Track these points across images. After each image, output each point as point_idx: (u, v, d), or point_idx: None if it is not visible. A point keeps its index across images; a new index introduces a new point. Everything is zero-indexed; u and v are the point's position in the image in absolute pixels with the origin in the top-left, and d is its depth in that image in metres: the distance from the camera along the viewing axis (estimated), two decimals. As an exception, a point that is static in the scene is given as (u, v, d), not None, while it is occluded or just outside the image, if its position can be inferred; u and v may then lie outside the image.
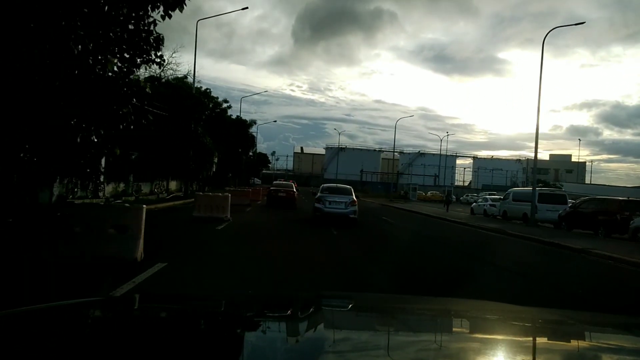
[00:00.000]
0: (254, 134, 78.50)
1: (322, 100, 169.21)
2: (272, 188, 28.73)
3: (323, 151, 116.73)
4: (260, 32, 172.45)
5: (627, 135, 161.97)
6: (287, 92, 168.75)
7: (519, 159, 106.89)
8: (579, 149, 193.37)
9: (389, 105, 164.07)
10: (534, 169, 26.67)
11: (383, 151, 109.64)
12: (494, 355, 1.49)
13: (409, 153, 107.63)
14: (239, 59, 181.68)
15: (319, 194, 18.43)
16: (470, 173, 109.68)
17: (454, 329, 1.91)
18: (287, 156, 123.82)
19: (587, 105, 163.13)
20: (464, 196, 68.87)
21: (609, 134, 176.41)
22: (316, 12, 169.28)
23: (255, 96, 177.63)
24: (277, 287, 6.76)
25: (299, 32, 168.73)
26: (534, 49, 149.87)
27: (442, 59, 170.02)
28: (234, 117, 48.94)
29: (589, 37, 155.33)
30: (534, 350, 1.56)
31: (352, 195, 18.10)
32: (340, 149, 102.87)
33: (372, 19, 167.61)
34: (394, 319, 2.00)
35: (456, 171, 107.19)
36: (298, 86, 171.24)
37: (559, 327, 1.95)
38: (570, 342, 1.78)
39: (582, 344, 1.74)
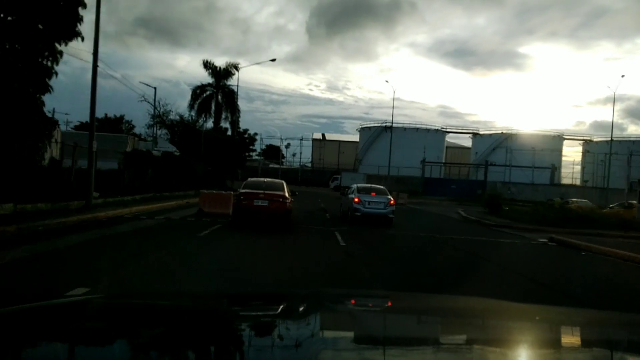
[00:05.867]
0: (232, 87, 42.40)
1: (341, 99, 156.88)
2: (242, 192, 14.28)
3: (353, 137, 79.80)
4: (276, 29, 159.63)
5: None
6: (306, 91, 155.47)
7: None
8: None
9: (407, 102, 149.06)
10: None
11: (449, 132, 71.67)
12: (494, 352, 1.46)
13: (489, 135, 69.54)
14: (255, 58, 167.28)
15: (355, 193, 17.72)
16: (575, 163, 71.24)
17: (453, 326, 1.84)
18: (302, 139, 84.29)
19: (612, 100, 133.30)
20: None
21: (635, 129, 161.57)
22: (331, 5, 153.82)
23: (274, 96, 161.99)
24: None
25: (314, 27, 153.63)
26: (557, 42, 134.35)
27: (461, 54, 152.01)
28: None
29: (614, 29, 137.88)
30: (534, 347, 1.50)
31: (389, 195, 17.99)
32: (385, 129, 65.72)
33: (390, 10, 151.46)
34: (394, 316, 2.00)
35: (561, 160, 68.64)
36: (316, 85, 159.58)
37: (560, 325, 1.91)
38: (572, 339, 1.73)
39: (584, 341, 1.69)
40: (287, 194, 14.27)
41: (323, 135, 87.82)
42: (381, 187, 19.17)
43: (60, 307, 1.71)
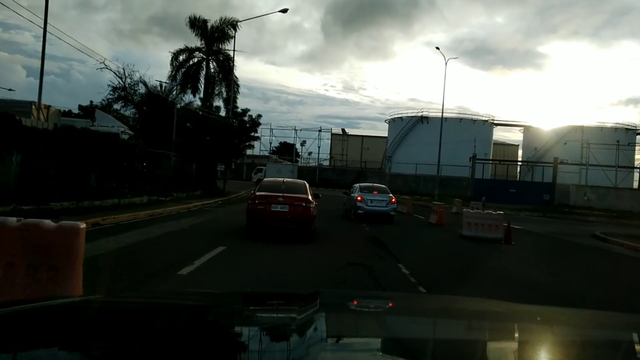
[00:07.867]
0: (229, 52, 31.34)
1: (357, 99, 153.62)
2: (257, 194, 12.02)
3: (379, 132, 68.52)
4: (292, 27, 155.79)
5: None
6: (322, 92, 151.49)
7: None
8: None
9: (425, 103, 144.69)
10: None
11: (499, 124, 59.78)
12: (493, 353, 1.45)
13: (550, 129, 57.32)
14: (270, 57, 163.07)
15: (358, 192, 18.51)
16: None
17: (453, 327, 1.82)
18: (320, 130, 70.76)
19: (634, 101, 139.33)
20: None
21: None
22: (347, 3, 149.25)
23: (290, 96, 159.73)
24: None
25: (330, 25, 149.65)
26: (579, 42, 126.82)
27: (480, 52, 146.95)
28: None
29: (639, 27, 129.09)
30: (536, 348, 1.48)
31: (390, 193, 18.73)
32: (421, 119, 54.26)
33: (408, 7, 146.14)
34: (395, 317, 1.97)
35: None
36: (332, 85, 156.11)
37: (561, 326, 1.86)
38: (573, 340, 1.68)
39: (585, 342, 1.66)
40: (310, 197, 12.12)
41: (343, 129, 76.46)
42: (383, 185, 20.25)
43: (57, 308, 1.65)
